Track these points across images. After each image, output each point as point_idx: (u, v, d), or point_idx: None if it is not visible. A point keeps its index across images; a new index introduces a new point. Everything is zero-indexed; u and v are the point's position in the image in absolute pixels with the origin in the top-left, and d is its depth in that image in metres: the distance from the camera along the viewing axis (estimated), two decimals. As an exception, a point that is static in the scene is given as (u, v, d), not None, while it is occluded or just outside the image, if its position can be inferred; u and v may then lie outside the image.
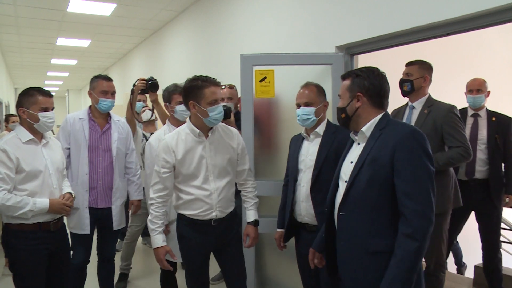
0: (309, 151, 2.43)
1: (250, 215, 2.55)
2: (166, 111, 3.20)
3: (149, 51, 8.32)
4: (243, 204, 2.62)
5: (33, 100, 2.48)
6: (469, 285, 3.68)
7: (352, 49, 3.26)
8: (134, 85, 3.52)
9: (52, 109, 2.56)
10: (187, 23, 6.35)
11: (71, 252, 2.96)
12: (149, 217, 2.40)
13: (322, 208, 2.09)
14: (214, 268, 2.75)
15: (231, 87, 3.58)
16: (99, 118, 3.09)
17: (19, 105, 2.50)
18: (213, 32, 5.42)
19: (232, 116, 3.18)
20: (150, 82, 3.41)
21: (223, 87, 3.52)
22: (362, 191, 1.75)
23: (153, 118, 4.14)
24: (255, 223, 2.53)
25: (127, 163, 3.21)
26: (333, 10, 3.36)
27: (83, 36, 8.18)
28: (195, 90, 2.29)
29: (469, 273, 4.02)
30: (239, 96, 3.46)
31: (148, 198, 2.46)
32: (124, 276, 4.05)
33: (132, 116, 3.61)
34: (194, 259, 2.44)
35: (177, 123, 2.96)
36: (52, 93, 2.75)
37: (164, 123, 3.73)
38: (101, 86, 3.03)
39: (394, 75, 2.50)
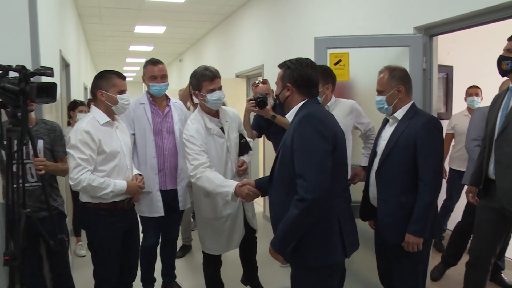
0: (386, 136, 2.43)
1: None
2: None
3: (222, 36, 8.46)
4: None
5: (112, 83, 2.53)
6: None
7: (432, 30, 3.11)
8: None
9: (126, 91, 2.61)
10: (259, 7, 6.37)
11: (141, 235, 3.11)
12: None
13: (386, 195, 2.35)
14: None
15: (265, 82, 3.59)
16: (159, 101, 3.14)
17: (97, 87, 2.54)
18: (286, 15, 5.40)
19: (270, 105, 3.28)
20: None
21: (257, 83, 3.56)
22: (277, 170, 2.10)
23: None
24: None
25: None
26: (412, -11, 3.22)
27: (159, 23, 8.47)
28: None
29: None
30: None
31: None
32: (185, 247, 4.51)
33: (186, 102, 3.73)
34: None
35: (210, 110, 2.81)
36: (130, 78, 2.91)
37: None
38: (150, 71, 3.09)
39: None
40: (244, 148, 2.94)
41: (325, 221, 1.94)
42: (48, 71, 2.32)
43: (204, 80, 2.70)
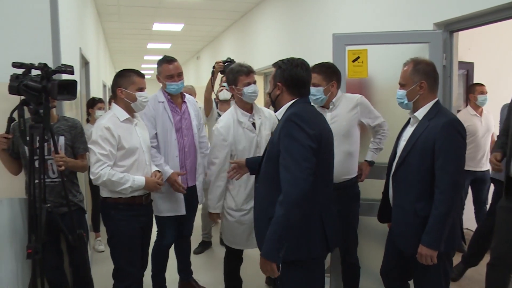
0: (406, 136, 2.30)
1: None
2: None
3: (239, 33, 8.47)
4: None
5: (130, 81, 2.60)
6: None
7: (452, 26, 3.06)
8: (213, 67, 3.71)
9: (145, 89, 2.66)
10: (277, 4, 6.36)
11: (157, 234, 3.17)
12: None
13: (401, 201, 2.23)
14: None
15: None
16: (175, 98, 3.13)
17: (117, 85, 2.62)
18: (304, 12, 5.38)
19: None
20: (226, 64, 3.53)
21: None
22: (264, 166, 2.14)
23: (227, 97, 4.23)
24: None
25: (200, 137, 3.28)
26: (432, -15, 3.17)
27: (177, 21, 8.52)
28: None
29: None
30: None
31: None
32: (204, 244, 4.54)
33: (210, 95, 3.80)
34: None
35: (245, 105, 2.91)
36: (148, 76, 2.94)
37: None
38: (166, 70, 3.02)
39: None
40: None
41: (308, 216, 1.98)
42: (69, 69, 2.38)
43: (240, 74, 2.83)
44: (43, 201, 2.38)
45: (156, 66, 3.17)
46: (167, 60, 3.06)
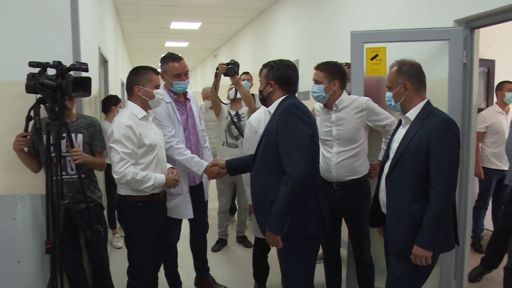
0: (398, 138, 2.28)
1: None
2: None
3: (256, 31, 8.47)
4: None
5: (148, 78, 2.59)
6: None
7: (473, 23, 3.00)
8: (217, 68, 3.73)
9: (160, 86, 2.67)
10: (294, 2, 6.34)
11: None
12: None
13: (396, 203, 2.20)
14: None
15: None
16: (180, 97, 3.07)
17: (134, 83, 2.59)
18: (322, 9, 5.35)
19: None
20: (230, 66, 3.56)
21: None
22: (261, 155, 2.35)
23: (238, 96, 4.28)
24: None
25: (201, 131, 3.25)
26: (452, -19, 3.12)
27: (195, 19, 8.56)
28: None
29: None
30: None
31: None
32: (221, 241, 4.58)
33: (216, 97, 3.85)
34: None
35: None
36: (165, 74, 2.95)
37: (247, 104, 3.98)
38: (173, 69, 2.92)
39: None
40: None
41: (305, 196, 2.22)
42: (83, 66, 2.40)
43: None
44: (60, 197, 2.41)
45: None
46: (173, 58, 2.95)
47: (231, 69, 3.60)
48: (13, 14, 2.76)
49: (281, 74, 2.33)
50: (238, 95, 4.20)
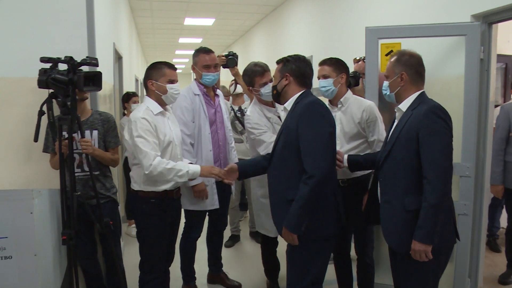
0: (392, 130, 2.24)
1: None
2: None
3: (270, 27, 8.44)
4: None
5: (161, 73, 2.59)
6: None
7: (491, 17, 2.94)
8: None
9: (177, 81, 2.66)
10: (308, -2, 6.31)
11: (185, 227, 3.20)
12: None
13: (389, 196, 2.16)
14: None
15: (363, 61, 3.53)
16: (209, 91, 3.10)
17: (148, 77, 2.61)
18: (336, 5, 5.31)
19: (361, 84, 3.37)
20: (230, 57, 3.55)
21: (359, 59, 3.64)
22: (279, 153, 2.30)
23: (239, 91, 4.32)
24: None
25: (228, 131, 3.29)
26: (469, -25, 3.06)
27: (208, 15, 8.57)
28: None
29: None
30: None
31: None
32: (234, 237, 4.64)
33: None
34: None
35: (267, 102, 2.97)
36: (179, 70, 2.95)
37: (247, 94, 4.00)
38: (203, 60, 3.02)
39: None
40: None
41: (324, 196, 2.17)
42: (94, 61, 2.43)
43: (255, 75, 2.91)
44: (73, 190, 2.43)
45: (187, 60, 3.18)
46: (205, 50, 3.06)
47: (231, 60, 3.56)
48: (29, 12, 2.79)
49: (297, 67, 2.29)
50: (238, 90, 4.21)
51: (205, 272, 3.63)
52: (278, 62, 2.39)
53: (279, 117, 2.95)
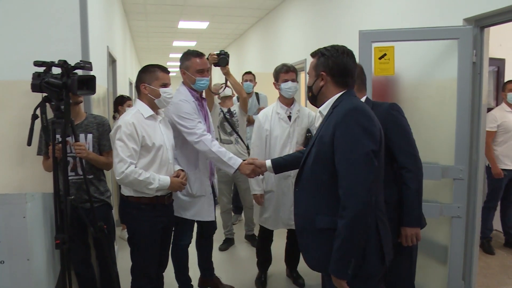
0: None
1: None
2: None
3: (264, 31, 8.46)
4: None
5: (154, 76, 2.54)
6: None
7: (483, 21, 2.96)
8: (207, 58, 3.64)
9: (170, 85, 2.62)
10: (302, 1, 6.33)
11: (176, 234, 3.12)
12: None
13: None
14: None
15: None
16: (199, 97, 3.02)
17: (140, 81, 2.56)
18: (330, 8, 5.34)
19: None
20: (221, 56, 3.53)
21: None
22: (310, 168, 1.85)
23: (227, 94, 4.30)
24: None
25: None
26: (461, -21, 3.08)
27: (202, 19, 8.58)
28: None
29: None
30: None
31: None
32: (228, 240, 4.62)
33: (209, 91, 3.80)
34: None
35: (284, 100, 3.26)
36: (173, 74, 2.92)
37: (238, 93, 4.10)
38: (196, 64, 2.88)
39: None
40: (308, 140, 3.20)
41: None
42: (87, 65, 2.43)
43: (281, 71, 3.20)
44: (67, 194, 2.41)
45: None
46: (196, 54, 2.92)
47: (222, 59, 3.51)
48: (22, 14, 2.79)
49: (334, 62, 1.84)
50: (226, 92, 4.23)
51: (197, 277, 3.53)
52: (313, 55, 1.96)
53: (289, 116, 3.22)
